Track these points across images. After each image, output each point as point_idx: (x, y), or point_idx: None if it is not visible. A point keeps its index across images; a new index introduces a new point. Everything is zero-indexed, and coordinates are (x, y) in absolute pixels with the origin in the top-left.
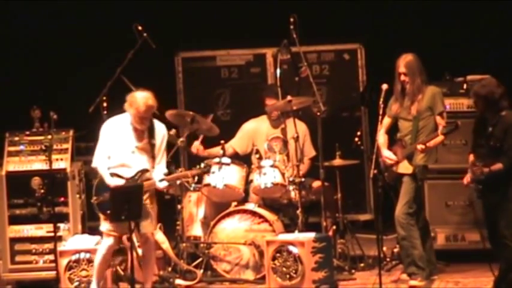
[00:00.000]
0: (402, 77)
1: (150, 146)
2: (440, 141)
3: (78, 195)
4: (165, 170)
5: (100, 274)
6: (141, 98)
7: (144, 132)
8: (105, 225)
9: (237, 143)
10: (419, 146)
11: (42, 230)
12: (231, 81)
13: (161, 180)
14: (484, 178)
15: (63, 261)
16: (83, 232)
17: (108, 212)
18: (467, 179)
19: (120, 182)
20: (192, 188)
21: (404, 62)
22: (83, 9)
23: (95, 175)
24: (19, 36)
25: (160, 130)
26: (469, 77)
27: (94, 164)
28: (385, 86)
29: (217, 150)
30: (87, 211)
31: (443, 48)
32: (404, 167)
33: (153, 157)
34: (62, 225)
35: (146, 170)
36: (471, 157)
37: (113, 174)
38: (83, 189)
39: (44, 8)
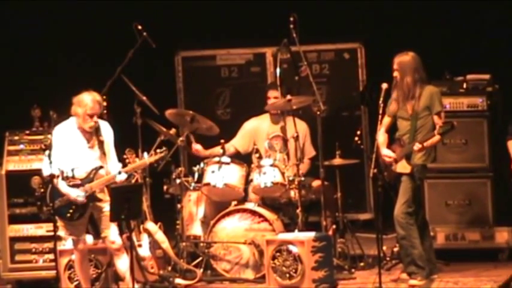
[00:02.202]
0: (395, 73)
1: (100, 143)
2: (437, 141)
3: None
4: (119, 164)
5: (84, 275)
6: (87, 95)
7: (92, 132)
8: (62, 231)
9: (239, 142)
10: (416, 146)
11: (42, 229)
12: (231, 81)
13: (119, 172)
14: None
15: (63, 261)
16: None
17: (68, 215)
18: None
19: (80, 193)
20: (192, 187)
21: (398, 59)
22: (83, 8)
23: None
24: (19, 36)
25: (106, 127)
26: (469, 76)
27: (48, 173)
28: (384, 85)
29: (217, 149)
30: None
31: (443, 48)
32: (403, 167)
33: (104, 153)
34: None
35: (100, 167)
36: None
37: (65, 178)
38: None
39: (44, 8)
